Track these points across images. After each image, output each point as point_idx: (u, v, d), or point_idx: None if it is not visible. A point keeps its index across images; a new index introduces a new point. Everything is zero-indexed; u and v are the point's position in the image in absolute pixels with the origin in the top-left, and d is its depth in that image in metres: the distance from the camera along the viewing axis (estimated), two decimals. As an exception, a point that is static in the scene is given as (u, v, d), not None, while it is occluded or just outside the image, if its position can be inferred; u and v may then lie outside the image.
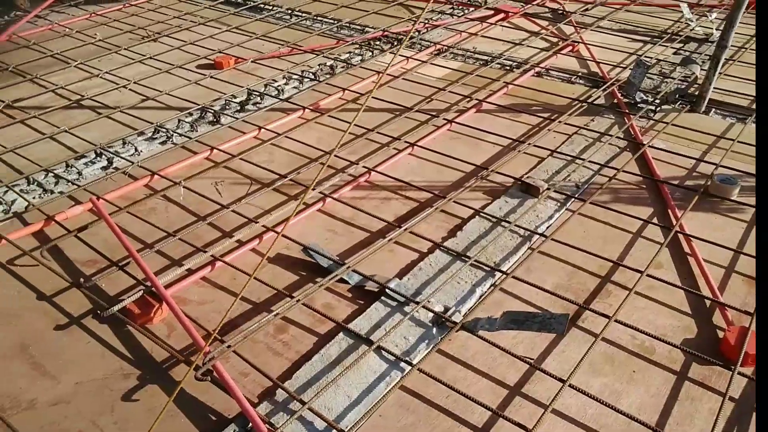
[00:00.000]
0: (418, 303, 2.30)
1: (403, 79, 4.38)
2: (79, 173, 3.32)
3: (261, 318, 2.31)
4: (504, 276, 2.48)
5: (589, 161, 3.28)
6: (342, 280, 2.52)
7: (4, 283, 2.56)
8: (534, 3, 5.88)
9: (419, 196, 3.09)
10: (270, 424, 1.86)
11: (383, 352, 2.13)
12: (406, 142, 3.53)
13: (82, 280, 2.53)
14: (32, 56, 4.90)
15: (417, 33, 5.25)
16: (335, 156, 3.43)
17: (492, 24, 5.38)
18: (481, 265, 2.55)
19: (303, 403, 1.91)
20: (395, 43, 5.01)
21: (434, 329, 2.24)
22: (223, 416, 1.95)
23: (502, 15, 5.51)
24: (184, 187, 3.12)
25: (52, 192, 3.19)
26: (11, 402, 2.03)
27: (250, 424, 1.85)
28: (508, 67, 4.55)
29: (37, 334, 2.30)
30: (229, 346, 2.14)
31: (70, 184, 3.23)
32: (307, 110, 3.95)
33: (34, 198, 3.13)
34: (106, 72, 4.55)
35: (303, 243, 2.71)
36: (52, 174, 3.29)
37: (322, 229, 2.90)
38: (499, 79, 4.31)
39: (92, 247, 2.70)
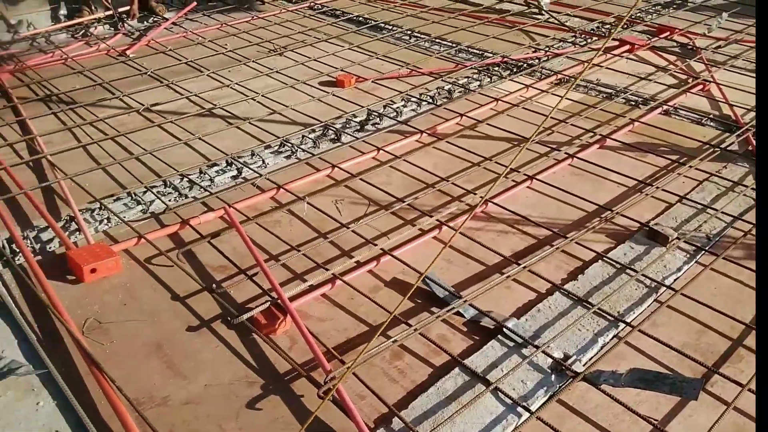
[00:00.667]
0: (537, 347, 2.28)
1: (522, 107, 4.35)
2: (211, 180, 3.53)
3: (379, 342, 2.36)
4: (628, 328, 2.41)
5: (722, 212, 3.12)
6: (458, 313, 2.53)
7: (142, 281, 2.76)
8: (662, 36, 5.67)
9: (538, 232, 3.05)
10: (388, 453, 1.90)
11: (500, 393, 2.13)
12: (524, 174, 3.50)
13: (214, 285, 2.68)
14: (168, 62, 5.26)
15: (538, 60, 5.19)
16: (452, 183, 3.46)
17: (617, 56, 5.24)
18: (603, 314, 2.48)
19: (421, 436, 1.94)
20: (515, 70, 4.99)
21: (553, 376, 2.20)
22: (342, 437, 2.02)
23: (627, 47, 5.35)
24: (308, 203, 3.24)
25: (186, 196, 3.40)
26: (146, 397, 2.18)
27: (368, 450, 1.90)
28: (633, 103, 4.41)
29: (171, 334, 2.46)
30: (349, 368, 2.21)
31: (203, 190, 3.44)
32: (424, 134, 4.01)
33: (170, 201, 3.35)
34: (236, 83, 4.81)
35: (418, 269, 2.75)
36: (187, 179, 3.51)
37: (439, 257, 2.92)
38: (624, 114, 4.18)
39: (223, 254, 2.86)
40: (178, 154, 3.82)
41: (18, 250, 2.89)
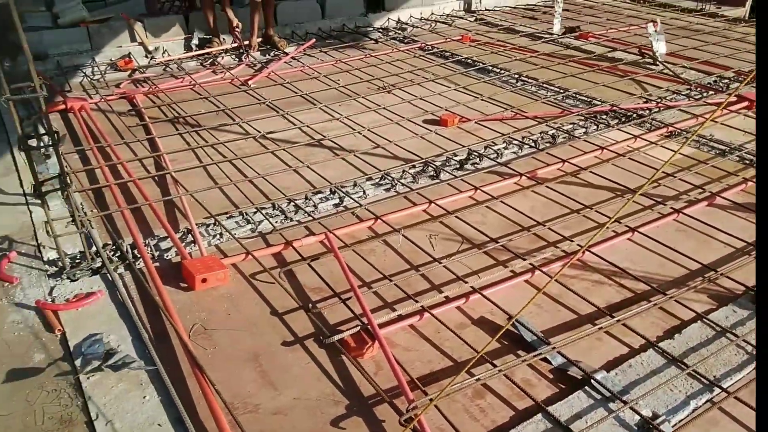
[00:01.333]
0: (625, 402, 2.22)
1: (629, 158, 4.27)
2: (315, 206, 3.73)
3: (462, 379, 2.39)
4: (723, 393, 2.30)
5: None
6: (545, 359, 2.52)
7: (246, 294, 2.96)
8: (786, 93, 5.38)
9: (635, 286, 2.98)
10: (463, 488, 1.92)
11: (583, 446, 2.10)
12: (626, 226, 3.44)
13: (310, 305, 2.83)
14: (285, 94, 5.61)
15: (648, 111, 5.08)
16: (548, 228, 3.45)
17: (733, 112, 5.03)
18: (698, 376, 2.38)
19: (497, 476, 1.95)
20: (623, 120, 4.91)
21: (639, 434, 2.14)
22: (419, 466, 2.06)
23: (745, 103, 5.13)
24: (403, 235, 3.35)
25: (291, 219, 3.62)
26: (240, 403, 2.33)
27: (444, 482, 1.93)
28: (747, 162, 4.22)
29: (267, 346, 2.62)
30: (431, 400, 2.26)
31: (306, 215, 3.64)
32: (523, 177, 4.03)
33: (277, 222, 3.57)
34: (345, 117, 5.05)
35: (507, 311, 2.77)
36: (293, 203, 3.73)
37: (526, 300, 2.93)
38: (737, 173, 4.01)
39: (321, 277, 3.01)
40: (287, 179, 4.06)
41: (139, 256, 3.18)
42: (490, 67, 6.26)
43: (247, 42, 6.71)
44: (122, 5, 7.06)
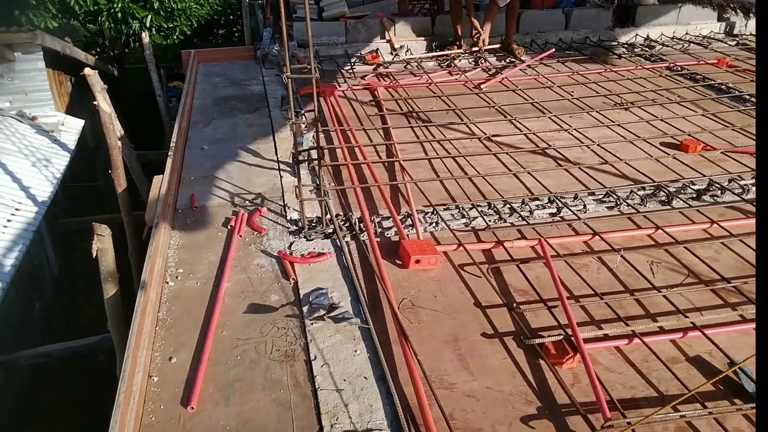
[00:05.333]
0: None
1: None
2: (531, 212, 3.74)
3: (667, 411, 2.26)
4: None
5: None
6: (767, 415, 2.27)
7: (454, 282, 3.10)
8: None
9: None
10: None
11: None
12: None
13: (514, 304, 2.88)
14: (515, 100, 5.66)
15: None
16: (794, 278, 3.06)
17: None
18: None
19: None
20: None
21: None
22: (606, 485, 2.01)
23: None
24: (621, 256, 3.23)
25: (505, 221, 3.68)
26: (437, 378, 2.47)
27: (632, 507, 1.87)
28: None
29: (467, 333, 2.73)
30: (629, 423, 2.17)
31: (521, 218, 3.67)
32: (771, 219, 3.60)
33: (490, 221, 3.66)
34: (574, 129, 4.95)
35: (729, 355, 2.54)
36: (509, 206, 3.79)
37: (753, 348, 2.65)
38: None
39: (528, 280, 3.04)
40: (506, 182, 4.13)
41: (364, 229, 3.49)
42: (748, 96, 5.65)
43: (477, 37, 6.81)
44: (377, 4, 7.70)
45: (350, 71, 6.51)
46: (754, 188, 3.99)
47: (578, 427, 2.23)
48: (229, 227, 3.45)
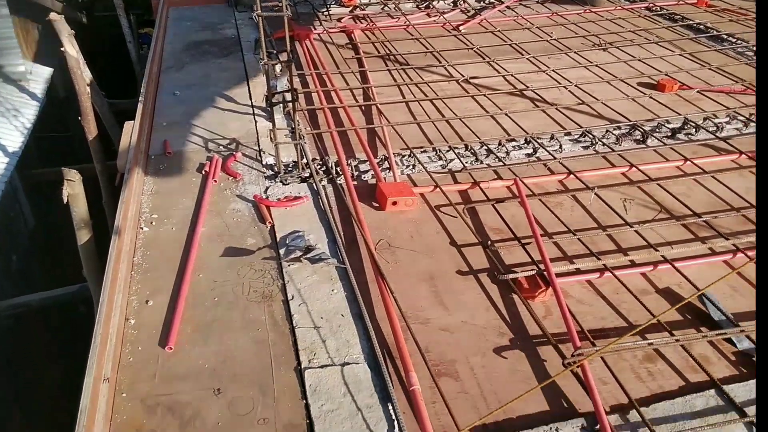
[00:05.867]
0: (820, 402, 2.02)
1: None
2: (507, 153, 3.75)
3: (635, 340, 2.34)
4: None
5: None
6: (729, 340, 2.36)
7: (430, 223, 3.12)
8: None
9: None
10: (617, 438, 1.92)
11: (754, 429, 1.96)
12: None
13: (489, 242, 2.91)
14: (494, 42, 5.58)
15: None
16: (763, 212, 3.12)
17: None
18: None
19: (656, 435, 1.91)
20: None
21: (831, 438, 1.94)
22: (575, 408, 2.09)
23: None
24: (595, 194, 3.26)
25: (481, 162, 3.68)
26: (413, 314, 2.51)
27: (598, 426, 1.94)
28: None
29: (443, 272, 2.76)
30: (599, 350, 2.24)
31: (497, 160, 3.67)
32: (743, 156, 3.66)
33: (467, 162, 3.66)
34: (552, 70, 4.92)
35: (698, 286, 2.61)
36: (486, 147, 3.78)
37: (722, 282, 2.72)
38: None
39: (503, 219, 3.07)
40: (483, 124, 4.11)
41: (341, 173, 3.48)
42: (725, 36, 5.63)
43: None
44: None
45: (326, 14, 6.35)
46: (727, 126, 4.02)
47: (549, 356, 2.30)
48: (203, 173, 3.42)
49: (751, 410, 2.04)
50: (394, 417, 2.00)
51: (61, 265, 5.70)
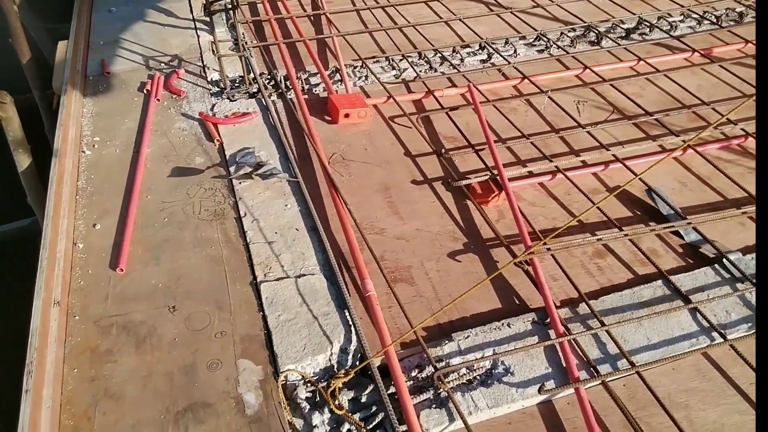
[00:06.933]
0: (755, 284, 2.11)
1: (829, 44, 3.69)
2: (461, 60, 3.66)
3: (585, 236, 2.38)
4: None
5: None
6: (677, 233, 2.42)
7: (384, 134, 3.06)
8: None
9: (800, 178, 2.70)
10: (566, 328, 1.98)
11: (698, 315, 2.05)
12: (805, 116, 3.05)
13: (443, 150, 2.89)
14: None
15: None
16: (712, 109, 3.16)
17: None
18: None
19: (603, 324, 1.98)
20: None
21: (766, 317, 2.05)
22: (526, 304, 2.14)
23: None
24: (549, 97, 3.23)
25: (435, 70, 3.59)
26: (368, 225, 2.50)
27: (548, 320, 2.00)
28: None
29: (397, 182, 2.74)
30: (549, 249, 2.28)
31: (451, 67, 3.59)
32: (696, 54, 3.65)
33: (421, 71, 3.57)
34: (507, -27, 4.75)
35: (648, 183, 2.65)
36: (440, 55, 3.69)
37: (672, 177, 2.78)
38: None
39: (457, 127, 3.03)
40: (437, 31, 3.99)
41: (291, 87, 3.36)
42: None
43: None
44: None
45: None
46: (681, 25, 3.99)
47: (502, 257, 2.33)
48: (145, 92, 3.26)
49: (695, 297, 2.12)
50: (350, 322, 2.02)
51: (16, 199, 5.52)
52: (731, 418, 1.81)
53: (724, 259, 2.25)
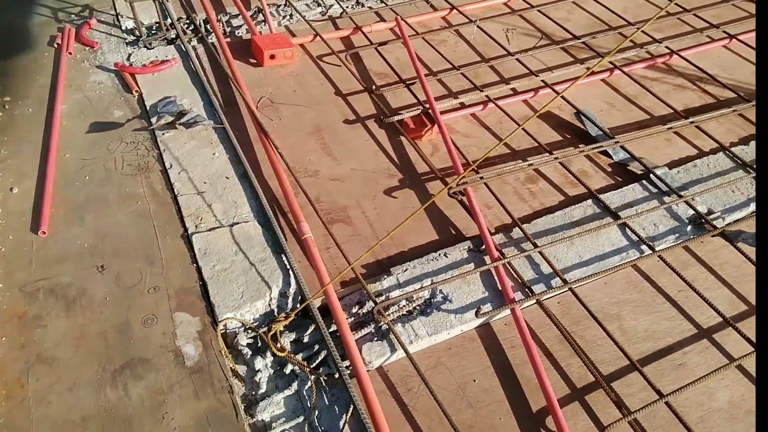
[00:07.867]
0: (681, 197, 2.18)
1: (747, -41, 3.74)
2: (389, -7, 3.56)
3: (516, 163, 2.40)
4: (791, 200, 2.20)
5: None
6: (606, 153, 2.47)
7: (313, 75, 2.98)
8: None
9: (720, 93, 2.78)
10: (501, 253, 2.01)
11: (627, 230, 2.11)
12: (724, 32, 3.12)
13: (374, 87, 2.83)
14: None
15: None
16: (637, 29, 3.17)
17: None
18: (767, 181, 2.28)
19: (536, 245, 2.02)
20: None
21: (689, 227, 2.12)
22: (462, 233, 2.16)
23: None
24: (477, 27, 3.19)
25: (362, 5, 3.49)
26: (302, 168, 2.45)
27: (484, 247, 2.03)
28: None
29: (329, 123, 2.68)
30: (482, 177, 2.29)
31: (379, 1, 3.49)
32: (621, -25, 3.64)
33: (348, 7, 3.46)
34: None
35: (577, 106, 2.67)
36: (367, -11, 3.57)
37: (600, 99, 2.81)
38: None
39: (387, 62, 2.97)
40: (363, -35, 3.85)
41: (211, 30, 3.20)
42: None
43: None
44: None
45: None
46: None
47: (437, 190, 2.33)
48: (55, 46, 3.05)
49: (624, 213, 2.18)
50: (288, 266, 1.99)
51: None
52: (661, 325, 1.89)
53: (651, 175, 2.30)
